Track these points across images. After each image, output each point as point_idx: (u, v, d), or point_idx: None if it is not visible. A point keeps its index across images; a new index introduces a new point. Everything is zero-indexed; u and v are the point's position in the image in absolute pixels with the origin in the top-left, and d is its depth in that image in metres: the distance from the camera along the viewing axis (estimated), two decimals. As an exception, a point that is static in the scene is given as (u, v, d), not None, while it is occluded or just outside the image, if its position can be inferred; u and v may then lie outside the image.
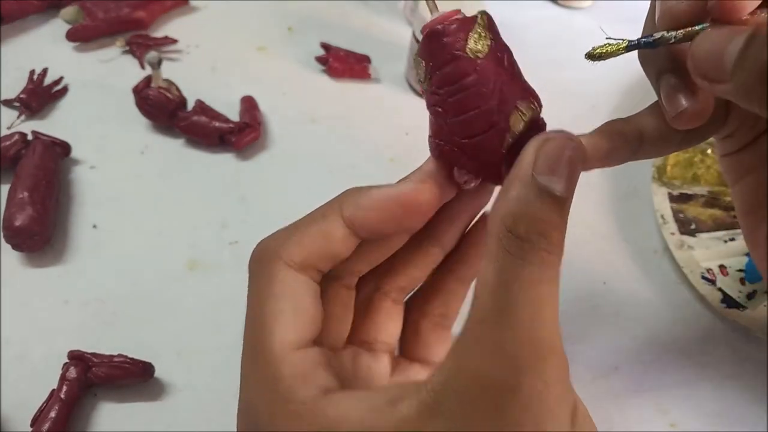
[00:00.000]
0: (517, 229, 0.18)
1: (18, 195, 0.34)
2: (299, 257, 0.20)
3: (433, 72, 0.20)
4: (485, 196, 0.24)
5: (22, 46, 0.44)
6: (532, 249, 0.18)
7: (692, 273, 0.35)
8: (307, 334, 0.20)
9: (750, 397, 0.33)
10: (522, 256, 0.18)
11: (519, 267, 0.18)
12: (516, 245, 0.18)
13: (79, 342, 0.31)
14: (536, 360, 0.17)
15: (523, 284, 0.18)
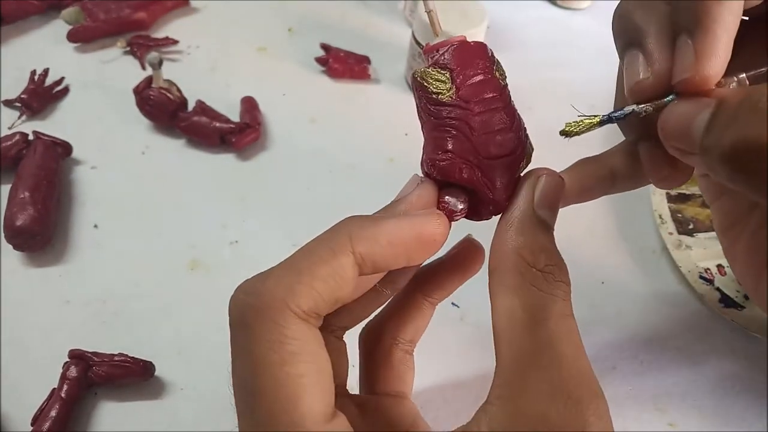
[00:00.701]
0: (537, 263, 0.19)
1: (19, 195, 0.34)
2: (308, 305, 0.17)
3: (463, 83, 0.19)
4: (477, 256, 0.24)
5: (23, 46, 0.44)
6: (555, 282, 0.19)
7: (690, 273, 0.36)
8: (332, 397, 0.17)
9: (748, 396, 0.33)
10: (549, 290, 0.18)
11: (550, 301, 0.18)
12: (541, 279, 0.18)
13: (80, 341, 0.31)
14: (593, 396, 0.17)
15: (558, 319, 0.18)
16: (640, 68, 0.19)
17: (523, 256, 0.19)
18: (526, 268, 0.19)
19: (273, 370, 0.17)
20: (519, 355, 0.18)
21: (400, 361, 0.25)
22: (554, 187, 0.20)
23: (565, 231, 0.26)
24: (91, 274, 0.34)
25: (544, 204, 0.20)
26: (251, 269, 0.20)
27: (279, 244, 0.36)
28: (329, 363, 0.18)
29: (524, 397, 0.17)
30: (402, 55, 0.45)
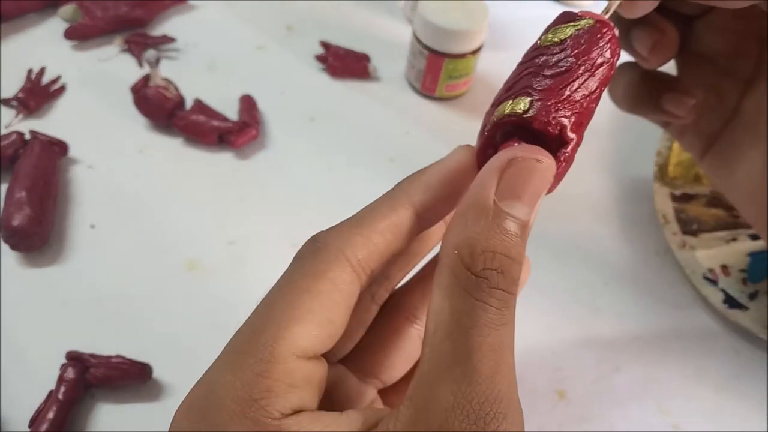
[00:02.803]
0: (474, 265, 0.16)
1: (16, 195, 0.34)
2: (364, 255, 0.18)
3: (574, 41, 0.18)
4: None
5: (19, 44, 0.44)
6: (491, 289, 0.16)
7: (694, 273, 0.35)
8: (320, 347, 0.18)
9: (752, 398, 0.33)
10: (481, 297, 0.16)
11: (479, 308, 0.16)
12: (473, 284, 0.16)
13: (77, 342, 0.31)
14: (495, 419, 0.16)
15: (482, 330, 0.16)
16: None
17: (461, 256, 0.17)
18: (460, 269, 0.16)
19: (291, 293, 0.17)
20: (436, 361, 0.16)
21: (406, 340, 0.22)
22: (529, 172, 0.17)
23: (567, 232, 0.25)
24: (88, 275, 0.34)
25: (510, 195, 0.17)
26: (250, 269, 0.20)
27: (277, 244, 0.36)
28: (343, 323, 0.18)
29: (430, 406, 0.16)
30: (402, 53, 0.44)
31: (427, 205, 0.19)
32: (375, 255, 0.18)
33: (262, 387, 0.16)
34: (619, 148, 0.42)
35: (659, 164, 0.39)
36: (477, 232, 0.17)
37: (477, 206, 0.17)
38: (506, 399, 0.16)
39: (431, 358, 0.17)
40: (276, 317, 0.17)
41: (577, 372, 0.33)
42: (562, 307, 0.35)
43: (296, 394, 0.17)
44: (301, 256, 0.18)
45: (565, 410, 0.32)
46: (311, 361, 0.17)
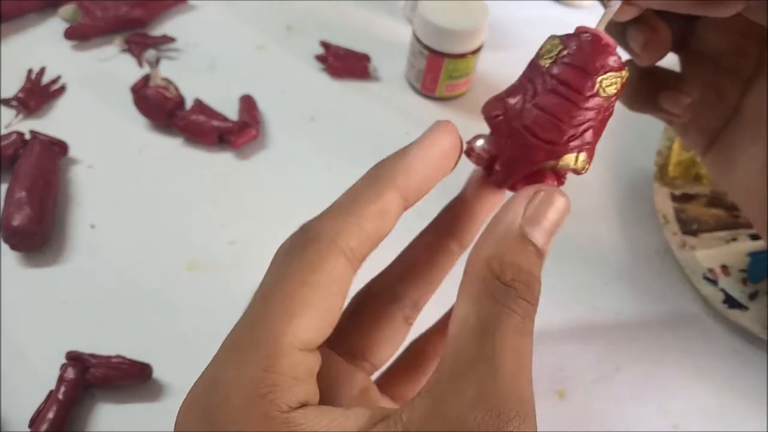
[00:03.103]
0: (504, 275, 0.18)
1: (16, 195, 0.34)
2: (356, 242, 0.18)
3: (562, 61, 0.20)
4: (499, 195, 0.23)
5: (19, 44, 0.44)
6: (517, 298, 0.18)
7: (694, 273, 0.35)
8: (320, 338, 0.18)
9: (752, 398, 0.33)
10: (507, 303, 0.18)
11: (504, 314, 0.18)
12: (502, 291, 0.18)
13: (77, 342, 0.31)
14: (517, 414, 0.16)
15: (508, 333, 0.17)
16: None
17: (491, 266, 0.18)
18: (490, 278, 0.18)
19: (289, 286, 0.17)
20: (459, 360, 0.17)
21: (390, 324, 0.23)
22: (550, 205, 0.19)
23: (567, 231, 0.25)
24: (88, 275, 0.34)
25: (534, 222, 0.19)
26: (250, 269, 0.20)
27: (278, 244, 0.36)
28: (340, 310, 0.18)
29: (449, 399, 0.17)
30: (402, 53, 0.44)
31: (411, 188, 0.20)
32: (366, 241, 0.19)
33: (268, 382, 0.16)
34: (619, 148, 0.42)
35: (659, 164, 0.39)
36: (506, 248, 0.18)
37: (507, 227, 0.19)
38: (527, 402, 0.17)
39: (455, 357, 0.17)
40: (276, 311, 0.17)
41: (576, 372, 0.33)
42: (561, 307, 0.35)
43: (302, 387, 0.17)
44: (292, 248, 0.18)
45: (565, 410, 0.32)
46: (312, 353, 0.18)
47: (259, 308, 0.18)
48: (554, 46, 0.20)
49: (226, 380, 0.17)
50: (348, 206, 0.19)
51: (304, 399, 0.17)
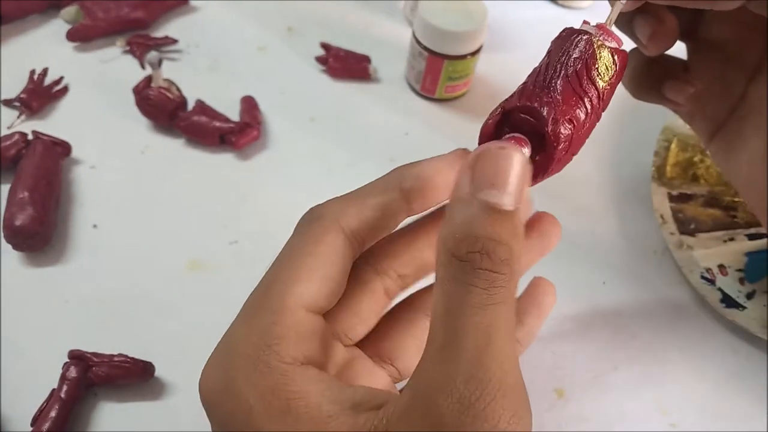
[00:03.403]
0: (458, 250, 0.17)
1: (18, 195, 0.34)
2: (356, 225, 0.20)
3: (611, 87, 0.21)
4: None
5: (22, 45, 0.44)
6: (475, 270, 0.17)
7: (692, 273, 0.36)
8: (323, 302, 0.19)
9: (750, 397, 0.33)
10: (465, 279, 0.17)
11: (463, 291, 0.17)
12: (458, 268, 0.17)
13: (80, 341, 0.31)
14: (481, 399, 0.16)
15: (467, 311, 0.17)
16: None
17: (447, 246, 0.17)
18: (447, 258, 0.17)
19: (295, 256, 0.19)
20: (429, 349, 0.17)
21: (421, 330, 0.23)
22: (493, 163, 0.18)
23: (566, 231, 0.26)
24: (90, 274, 0.34)
25: (484, 184, 0.17)
26: (251, 269, 0.20)
27: (279, 244, 0.36)
28: (342, 282, 0.20)
29: (422, 387, 0.17)
30: (402, 54, 0.45)
31: (415, 192, 0.21)
32: (366, 227, 0.20)
33: (274, 334, 0.18)
34: (618, 149, 0.43)
35: (657, 165, 0.39)
36: (459, 223, 0.18)
37: (456, 200, 0.18)
38: (496, 380, 0.16)
39: (428, 347, 0.17)
40: (284, 276, 0.19)
41: (575, 371, 0.33)
42: (560, 306, 0.35)
43: (305, 343, 0.18)
44: (301, 225, 0.21)
45: (563, 409, 0.32)
46: (317, 317, 0.19)
47: (270, 275, 0.20)
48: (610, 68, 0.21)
49: (239, 334, 0.19)
50: (354, 196, 0.21)
51: (306, 357, 0.18)
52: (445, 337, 0.17)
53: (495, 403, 0.16)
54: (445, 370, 0.16)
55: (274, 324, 0.18)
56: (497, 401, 0.16)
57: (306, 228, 0.20)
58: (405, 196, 0.21)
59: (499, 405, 0.16)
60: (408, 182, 0.21)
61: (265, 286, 0.20)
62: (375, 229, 0.21)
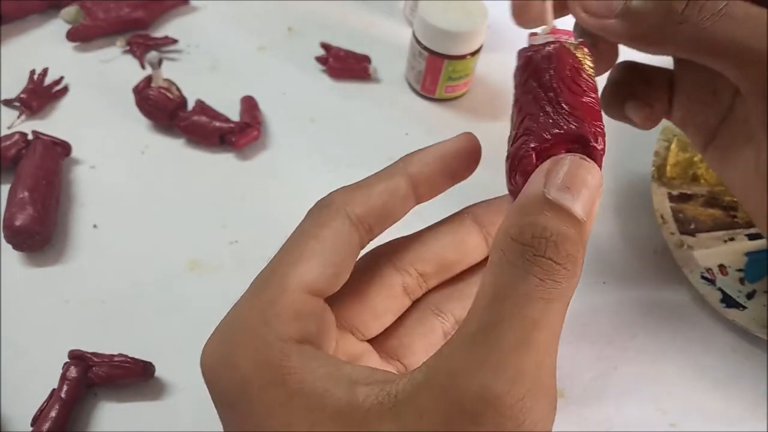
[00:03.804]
0: (522, 235, 0.16)
1: (18, 195, 0.34)
2: (361, 211, 0.20)
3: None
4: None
5: (22, 45, 0.44)
6: (536, 257, 0.16)
7: (692, 273, 0.36)
8: (324, 286, 0.20)
9: (750, 397, 0.33)
10: (524, 265, 0.16)
11: (519, 279, 0.16)
12: (518, 253, 0.16)
13: (80, 341, 0.31)
14: (507, 396, 0.15)
15: (518, 300, 0.16)
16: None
17: (509, 233, 0.17)
18: (507, 243, 0.17)
19: (300, 240, 0.20)
20: (462, 332, 0.16)
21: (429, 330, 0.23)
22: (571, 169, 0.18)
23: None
24: (90, 274, 0.34)
25: (559, 186, 0.17)
26: (251, 269, 0.20)
27: (279, 244, 0.36)
28: (345, 267, 0.20)
29: (442, 367, 0.16)
30: (402, 54, 0.45)
31: (421, 177, 0.21)
32: (372, 212, 0.21)
33: (273, 312, 0.18)
34: (617, 149, 0.43)
35: (657, 165, 0.39)
36: (526, 214, 0.17)
37: (525, 197, 0.18)
38: (530, 378, 0.15)
39: (461, 329, 0.17)
40: (287, 258, 0.20)
41: (575, 371, 0.33)
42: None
43: (302, 322, 0.18)
44: (310, 212, 0.21)
45: (563, 409, 0.32)
46: (317, 299, 0.19)
47: (276, 257, 0.20)
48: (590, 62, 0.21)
49: (241, 311, 0.19)
50: (361, 184, 0.21)
51: (303, 336, 0.18)
52: (484, 322, 0.16)
53: (523, 402, 0.15)
54: (476, 354, 0.15)
55: (273, 302, 0.19)
56: (526, 400, 0.15)
57: (315, 214, 0.21)
58: (411, 181, 0.21)
59: (528, 405, 0.15)
60: (414, 167, 0.21)
61: (270, 267, 0.20)
62: (381, 215, 0.21)
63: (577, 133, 0.19)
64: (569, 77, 0.20)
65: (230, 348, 0.19)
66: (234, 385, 0.18)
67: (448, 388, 0.15)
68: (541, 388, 0.15)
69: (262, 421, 0.17)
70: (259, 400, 0.17)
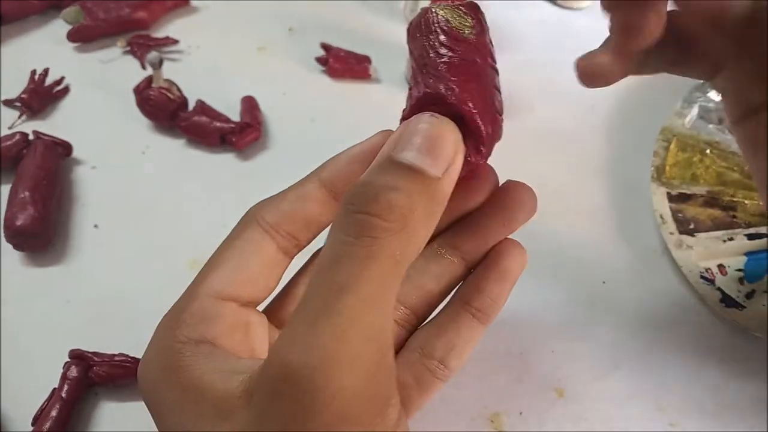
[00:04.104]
0: (348, 196, 0.17)
1: (19, 195, 0.34)
2: (272, 218, 0.21)
3: (480, 32, 0.22)
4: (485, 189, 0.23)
5: (22, 46, 0.44)
6: (354, 213, 0.16)
7: (691, 273, 0.36)
8: (237, 290, 0.20)
9: (750, 396, 0.33)
10: (340, 225, 0.16)
11: (334, 240, 0.16)
12: (342, 213, 0.16)
13: (80, 341, 0.31)
14: (305, 367, 0.15)
15: (331, 265, 0.16)
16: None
17: (345, 197, 0.17)
18: (341, 210, 0.17)
19: (216, 253, 0.21)
20: (302, 301, 0.16)
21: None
22: (427, 128, 0.18)
23: (565, 230, 0.26)
24: (91, 274, 0.34)
25: (408, 147, 0.17)
26: (252, 269, 0.21)
27: (279, 244, 0.36)
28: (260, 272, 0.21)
29: (282, 342, 0.16)
30: (402, 54, 0.45)
31: (337, 181, 0.22)
32: (285, 219, 0.21)
33: (178, 319, 0.19)
34: (617, 148, 0.43)
35: (656, 164, 0.40)
36: (365, 174, 0.18)
37: (375, 162, 0.18)
38: (326, 350, 0.15)
39: (301, 300, 0.17)
40: (205, 269, 0.21)
41: (575, 371, 0.33)
42: (560, 305, 0.35)
43: (205, 325, 0.19)
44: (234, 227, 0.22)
45: (563, 409, 0.32)
46: (227, 303, 0.20)
47: (201, 270, 0.21)
48: (466, 22, 0.21)
49: (161, 323, 0.21)
50: (277, 194, 0.22)
51: (204, 337, 0.19)
52: (303, 295, 0.16)
53: (318, 372, 0.15)
54: (287, 330, 0.16)
55: (182, 309, 0.20)
56: (321, 370, 0.14)
57: (235, 226, 0.22)
58: (325, 186, 0.22)
59: (324, 375, 0.15)
60: (326, 172, 0.22)
61: (193, 280, 0.21)
62: (297, 221, 0.21)
63: (432, 93, 0.19)
64: (433, 39, 0.20)
65: (147, 357, 0.20)
66: (149, 390, 0.19)
67: (266, 368, 0.16)
68: (344, 356, 0.15)
69: (163, 418, 0.18)
70: (162, 400, 0.18)
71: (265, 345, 0.21)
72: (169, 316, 0.21)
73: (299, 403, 0.15)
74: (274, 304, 0.24)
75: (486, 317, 0.23)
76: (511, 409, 0.31)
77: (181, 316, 0.20)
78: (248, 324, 0.21)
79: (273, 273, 0.21)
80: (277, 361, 0.15)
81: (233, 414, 0.16)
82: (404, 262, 0.16)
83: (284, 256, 0.22)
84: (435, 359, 0.23)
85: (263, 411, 0.16)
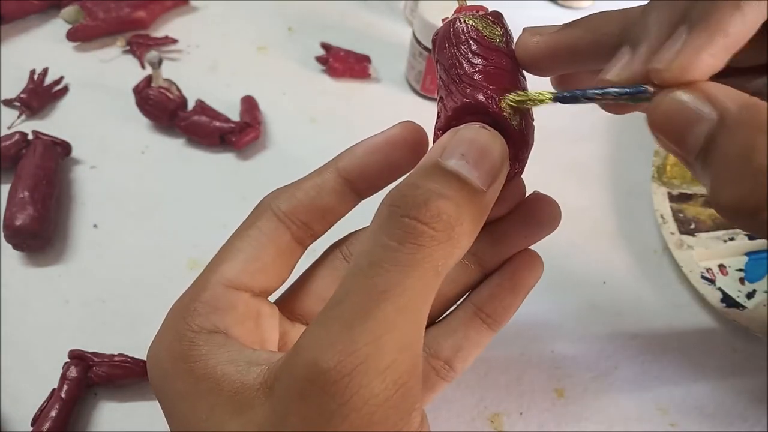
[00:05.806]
0: (393, 197, 0.16)
1: (18, 195, 0.34)
2: (287, 207, 0.20)
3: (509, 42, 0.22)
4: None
5: (22, 45, 0.44)
6: (400, 217, 0.15)
7: (692, 272, 0.36)
8: (250, 280, 0.20)
9: (750, 396, 0.33)
10: (384, 228, 0.15)
11: (376, 243, 0.16)
12: (384, 215, 0.16)
13: (80, 341, 0.31)
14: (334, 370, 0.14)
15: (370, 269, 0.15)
16: (625, 55, 0.18)
17: (389, 198, 0.16)
18: (380, 209, 0.16)
19: (230, 240, 0.21)
20: (335, 299, 0.16)
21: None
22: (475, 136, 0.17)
23: (567, 230, 0.26)
24: (90, 274, 0.34)
25: (455, 155, 0.17)
26: (251, 269, 0.21)
27: (279, 244, 0.36)
28: (273, 261, 0.20)
29: (310, 337, 0.16)
30: (402, 54, 0.45)
31: (354, 171, 0.21)
32: (300, 208, 0.21)
33: (191, 307, 0.19)
34: (618, 148, 0.43)
35: (657, 164, 0.40)
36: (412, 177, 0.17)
37: (419, 166, 0.17)
38: (361, 356, 0.14)
39: (332, 297, 0.16)
40: (216, 258, 0.21)
41: (575, 370, 0.33)
42: (560, 305, 0.35)
43: (218, 315, 0.19)
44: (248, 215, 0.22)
45: (563, 408, 0.32)
46: (241, 293, 0.20)
47: (211, 259, 0.21)
48: (496, 31, 0.21)
49: (169, 312, 0.20)
50: (292, 183, 0.22)
51: (217, 327, 0.19)
52: (336, 295, 0.16)
53: (351, 378, 0.14)
54: (317, 329, 0.15)
55: (194, 299, 0.19)
56: (354, 376, 0.14)
57: (248, 215, 0.21)
58: (342, 176, 0.21)
59: (356, 381, 0.14)
60: (343, 161, 0.21)
61: (205, 268, 0.21)
62: (313, 210, 0.21)
63: (472, 103, 0.19)
64: (465, 49, 0.20)
65: (158, 345, 0.20)
66: (159, 377, 0.19)
67: (292, 365, 0.16)
68: (379, 364, 0.14)
69: (174, 407, 0.18)
70: (173, 389, 0.18)
71: (275, 336, 0.21)
72: (180, 304, 0.20)
73: (326, 406, 0.14)
74: (286, 296, 0.23)
75: (496, 324, 0.23)
76: (511, 409, 0.31)
77: (193, 305, 0.19)
78: (259, 314, 0.21)
79: (286, 263, 0.21)
80: (306, 360, 0.15)
81: (250, 407, 0.16)
82: (443, 273, 0.16)
83: (298, 246, 0.21)
84: (441, 359, 0.23)
85: (285, 408, 0.15)
